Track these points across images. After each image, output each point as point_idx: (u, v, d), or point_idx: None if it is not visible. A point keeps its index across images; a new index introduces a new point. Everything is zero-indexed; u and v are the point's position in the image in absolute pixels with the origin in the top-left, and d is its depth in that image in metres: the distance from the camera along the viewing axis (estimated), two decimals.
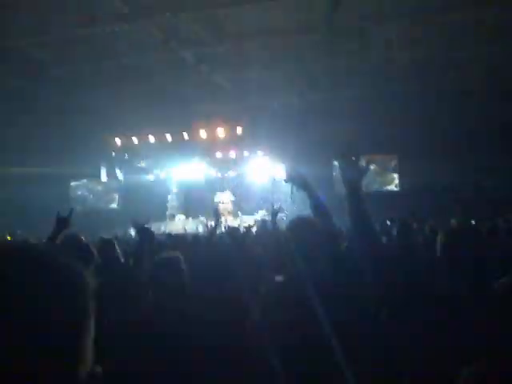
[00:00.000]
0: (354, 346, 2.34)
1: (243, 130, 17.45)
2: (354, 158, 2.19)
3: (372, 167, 20.07)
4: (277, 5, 10.47)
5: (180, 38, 11.60)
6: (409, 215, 9.03)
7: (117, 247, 4.14)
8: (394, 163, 19.79)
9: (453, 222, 9.47)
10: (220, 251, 4.62)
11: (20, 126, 17.07)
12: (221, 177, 21.06)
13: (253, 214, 18.89)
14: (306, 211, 2.84)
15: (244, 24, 11.56)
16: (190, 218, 20.09)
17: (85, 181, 23.12)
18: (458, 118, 15.92)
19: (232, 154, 19.31)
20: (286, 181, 2.80)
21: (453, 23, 11.45)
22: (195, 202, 20.33)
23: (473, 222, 9.09)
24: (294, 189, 2.65)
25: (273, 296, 2.52)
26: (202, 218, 20.26)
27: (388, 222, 9.49)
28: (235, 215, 19.91)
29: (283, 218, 16.83)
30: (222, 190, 20.85)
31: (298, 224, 2.54)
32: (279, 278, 2.59)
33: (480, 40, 12.17)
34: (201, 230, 17.77)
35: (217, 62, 13.54)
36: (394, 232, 6.22)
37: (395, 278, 2.26)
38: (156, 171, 21.62)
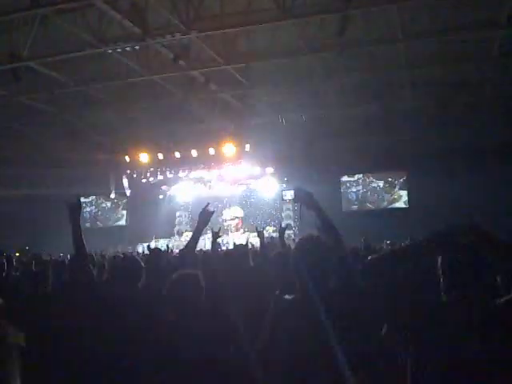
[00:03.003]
0: (363, 363, 2.35)
1: (251, 147, 17.53)
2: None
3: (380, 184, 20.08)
4: (286, 24, 10.61)
5: (189, 57, 11.75)
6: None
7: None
8: (402, 180, 19.72)
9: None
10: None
11: (31, 144, 17.29)
12: (229, 193, 21.10)
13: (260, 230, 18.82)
14: (315, 229, 2.86)
15: (253, 43, 11.72)
16: None
17: (93, 198, 23.30)
18: (469, 134, 15.88)
19: (240, 171, 19.37)
20: (294, 200, 2.84)
21: (464, 41, 11.59)
22: None
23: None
24: (303, 208, 2.67)
25: (283, 314, 2.54)
26: (210, 235, 20.23)
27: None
28: (242, 231, 19.92)
29: (291, 235, 16.89)
30: (230, 207, 20.88)
31: (308, 242, 2.56)
32: (289, 296, 2.60)
33: (491, 58, 12.26)
34: (208, 246, 17.76)
35: (225, 80, 13.69)
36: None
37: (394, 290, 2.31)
38: (164, 188, 21.72)
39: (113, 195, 22.28)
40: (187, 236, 20.35)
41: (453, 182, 16.08)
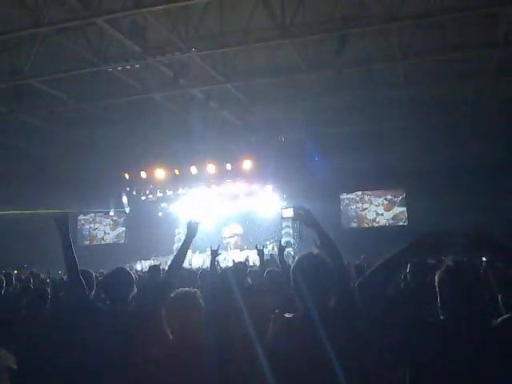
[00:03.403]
0: (363, 381, 2.33)
1: (251, 165, 17.56)
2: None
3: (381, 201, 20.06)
4: (285, 43, 10.71)
5: (189, 75, 11.83)
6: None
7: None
8: (401, 197, 19.71)
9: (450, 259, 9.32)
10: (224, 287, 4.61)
11: (30, 162, 17.30)
12: (228, 211, 21.08)
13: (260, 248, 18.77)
14: (314, 247, 2.86)
15: (252, 61, 11.82)
16: (197, 252, 20.02)
17: (92, 215, 23.26)
18: (468, 152, 15.93)
19: (240, 188, 19.38)
20: (294, 219, 2.83)
21: (463, 60, 11.71)
22: (202, 235, 20.30)
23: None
24: (303, 227, 2.67)
25: (282, 333, 2.51)
26: (209, 252, 20.13)
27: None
28: (241, 249, 19.86)
29: (291, 252, 16.82)
30: (230, 224, 20.85)
31: (307, 260, 2.55)
32: (288, 315, 2.57)
33: (490, 76, 12.34)
34: (207, 264, 17.66)
35: (225, 98, 13.78)
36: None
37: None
38: (164, 205, 21.68)
39: (112, 212, 22.23)
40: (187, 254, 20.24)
41: (452, 200, 16.06)
